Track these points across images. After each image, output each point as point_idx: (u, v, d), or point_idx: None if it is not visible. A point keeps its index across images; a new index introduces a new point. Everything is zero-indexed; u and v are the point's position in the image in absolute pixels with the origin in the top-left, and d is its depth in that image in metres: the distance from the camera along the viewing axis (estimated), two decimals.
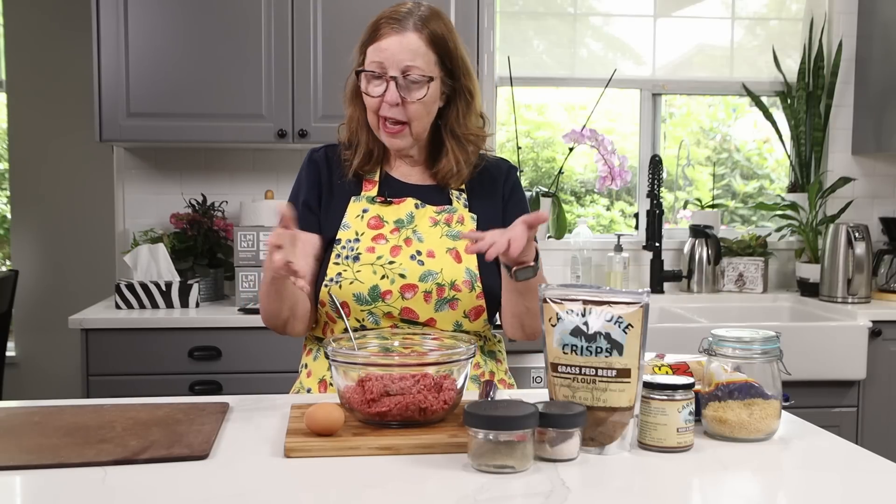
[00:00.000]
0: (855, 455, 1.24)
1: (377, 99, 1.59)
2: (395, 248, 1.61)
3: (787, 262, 3.53)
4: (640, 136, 3.57)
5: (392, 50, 1.56)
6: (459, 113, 1.66)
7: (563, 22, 3.51)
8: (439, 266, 1.61)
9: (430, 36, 1.59)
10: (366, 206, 1.66)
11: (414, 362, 1.33)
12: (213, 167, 3.28)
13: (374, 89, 1.59)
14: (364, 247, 1.61)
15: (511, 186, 1.75)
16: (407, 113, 1.59)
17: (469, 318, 1.61)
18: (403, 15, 1.59)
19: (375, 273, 1.58)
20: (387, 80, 1.57)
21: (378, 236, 1.62)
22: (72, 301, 3.56)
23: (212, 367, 2.68)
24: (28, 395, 3.76)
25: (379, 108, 1.59)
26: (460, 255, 1.63)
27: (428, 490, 1.08)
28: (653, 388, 1.23)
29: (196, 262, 3.01)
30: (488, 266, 1.64)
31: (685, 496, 1.12)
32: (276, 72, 2.90)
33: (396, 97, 1.57)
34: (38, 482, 1.10)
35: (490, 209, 1.71)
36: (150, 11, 2.86)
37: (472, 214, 1.68)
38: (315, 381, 1.67)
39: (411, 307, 1.58)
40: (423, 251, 1.62)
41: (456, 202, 1.69)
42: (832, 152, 3.51)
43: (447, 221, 1.66)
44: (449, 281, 1.60)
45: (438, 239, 1.64)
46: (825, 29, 3.49)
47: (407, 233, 1.63)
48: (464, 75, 1.64)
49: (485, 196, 1.72)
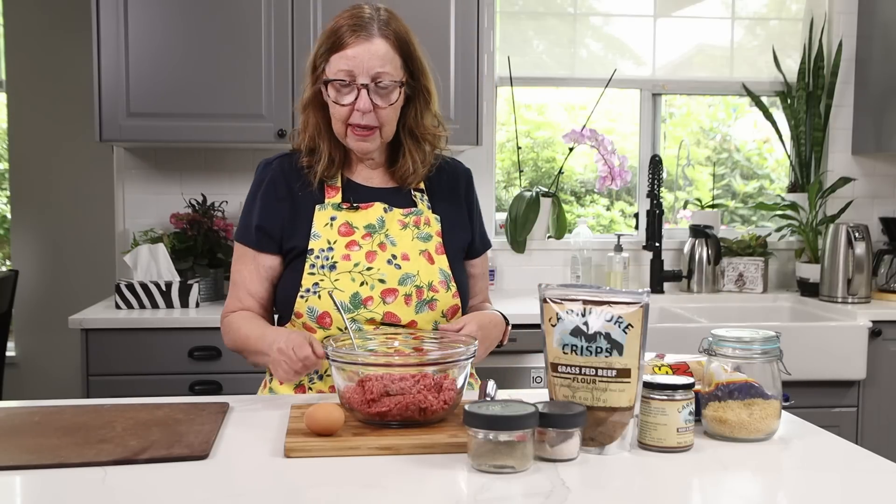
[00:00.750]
0: (855, 455, 1.24)
1: (347, 107, 1.58)
2: (370, 253, 1.61)
3: (787, 262, 3.53)
4: (640, 136, 3.57)
5: (361, 57, 1.55)
6: (417, 113, 1.66)
7: (563, 22, 3.51)
8: (415, 268, 1.62)
9: (396, 40, 1.59)
10: (332, 213, 1.64)
11: (414, 362, 1.33)
12: (213, 167, 3.28)
13: (343, 98, 1.57)
14: (339, 255, 1.60)
15: (473, 193, 1.79)
16: (378, 118, 1.59)
17: (446, 318, 1.63)
18: (367, 21, 1.57)
19: (354, 280, 1.58)
20: (358, 88, 1.56)
21: (351, 243, 1.62)
22: (72, 301, 3.56)
23: (212, 367, 2.68)
24: (28, 395, 3.76)
25: (349, 117, 1.58)
26: (432, 256, 1.64)
27: (428, 490, 1.08)
28: (653, 388, 1.23)
29: (196, 262, 3.01)
30: (458, 265, 1.69)
31: (685, 496, 1.12)
32: (276, 72, 2.90)
33: (369, 105, 1.56)
34: (38, 482, 1.10)
35: (453, 211, 1.73)
36: (150, 11, 2.86)
37: (436, 216, 1.69)
38: (290, 388, 1.65)
39: (393, 311, 1.58)
40: (398, 255, 1.62)
41: (420, 204, 1.70)
42: (832, 152, 3.51)
43: (416, 224, 1.67)
44: (426, 282, 1.61)
45: (410, 241, 1.64)
46: (825, 29, 3.49)
47: (380, 237, 1.63)
48: (422, 75, 1.64)
49: (445, 197, 1.73)
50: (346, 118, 1.59)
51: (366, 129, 1.59)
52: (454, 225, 1.72)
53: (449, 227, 1.70)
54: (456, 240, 1.71)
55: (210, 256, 3.05)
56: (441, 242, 1.67)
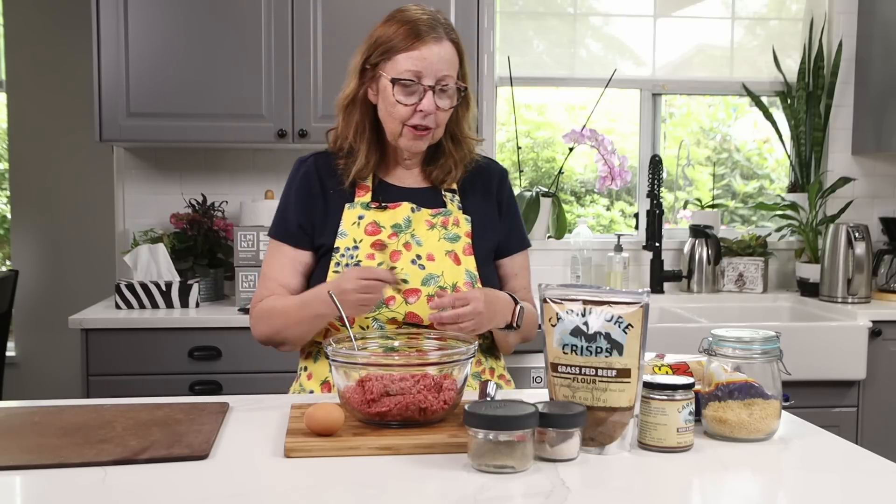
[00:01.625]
0: (855, 455, 1.24)
1: (410, 107, 1.58)
2: (394, 253, 1.62)
3: (787, 262, 3.53)
4: (640, 136, 3.56)
5: (431, 59, 1.56)
6: (460, 116, 1.68)
7: (563, 22, 3.51)
8: (440, 269, 1.61)
9: (456, 44, 1.62)
10: (361, 212, 1.65)
11: (414, 362, 1.33)
12: (213, 167, 3.28)
13: (407, 98, 1.58)
14: (364, 254, 1.61)
15: (506, 191, 1.77)
16: (436, 120, 1.60)
17: None
18: (433, 23, 1.59)
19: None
20: (424, 89, 1.57)
21: (376, 242, 1.62)
22: (72, 301, 3.56)
23: (212, 367, 2.68)
24: (28, 395, 3.76)
25: (410, 117, 1.59)
26: (459, 257, 1.63)
27: (428, 490, 1.08)
28: (653, 388, 1.23)
29: (196, 262, 3.01)
30: (485, 266, 1.67)
31: (685, 496, 1.12)
32: (276, 72, 2.90)
33: (433, 106, 1.57)
34: (38, 482, 1.10)
35: (484, 211, 1.72)
36: (150, 11, 2.86)
37: (466, 216, 1.68)
38: (317, 384, 1.66)
39: (415, 311, 1.59)
40: (423, 255, 1.62)
41: (450, 204, 1.69)
42: (832, 152, 3.51)
43: (444, 224, 1.66)
44: (451, 283, 1.60)
45: (437, 242, 1.64)
46: (825, 29, 3.49)
47: (406, 237, 1.63)
48: (467, 81, 1.66)
49: (477, 197, 1.73)
50: (406, 118, 1.59)
51: (424, 129, 1.60)
52: (485, 225, 1.70)
53: (480, 227, 1.69)
54: (486, 241, 1.70)
55: (210, 256, 3.05)
56: (470, 243, 1.66)
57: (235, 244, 2.86)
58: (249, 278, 2.85)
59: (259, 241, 2.85)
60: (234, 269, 2.87)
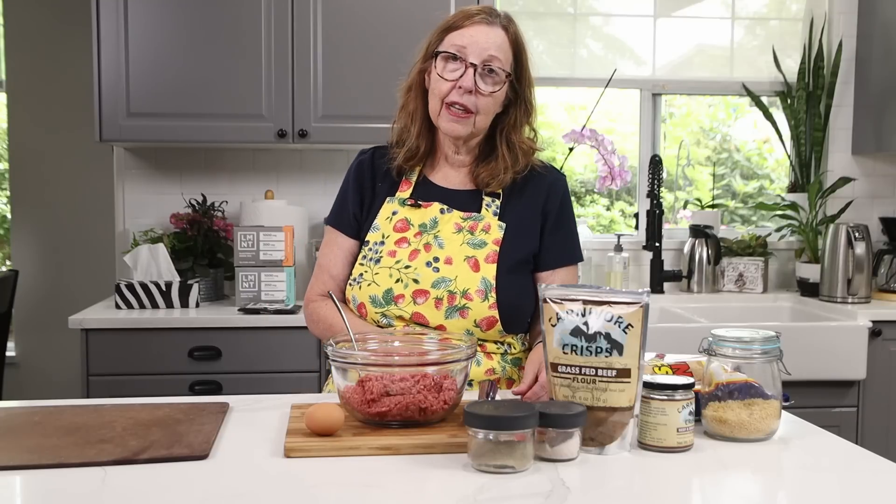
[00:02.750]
0: (855, 455, 1.24)
1: (450, 82, 1.57)
2: (413, 252, 1.62)
3: (787, 262, 3.53)
4: (640, 136, 3.56)
5: (478, 38, 1.57)
6: (517, 121, 1.66)
7: (563, 22, 3.51)
8: (454, 273, 1.59)
9: (514, 37, 1.62)
10: (396, 208, 1.67)
11: (414, 362, 1.33)
12: (213, 167, 3.28)
13: (449, 73, 1.58)
14: (387, 250, 1.63)
15: (557, 201, 1.70)
16: (477, 104, 1.59)
17: (481, 328, 1.59)
18: (491, 12, 1.62)
19: (391, 276, 1.60)
20: (466, 66, 1.57)
21: (401, 240, 1.63)
22: (72, 301, 3.56)
23: (212, 367, 2.68)
24: (28, 395, 3.76)
25: (449, 94, 1.58)
26: (479, 263, 1.61)
27: (428, 490, 1.08)
28: (653, 388, 1.23)
29: (196, 262, 3.01)
30: (508, 279, 1.61)
31: (685, 496, 1.12)
32: (276, 72, 2.90)
33: (472, 83, 1.56)
34: (38, 482, 1.10)
35: (525, 219, 1.67)
36: (150, 11, 2.86)
37: (501, 223, 1.65)
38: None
39: (422, 312, 1.58)
40: (442, 258, 1.61)
41: (485, 210, 1.66)
42: (832, 152, 3.51)
43: (471, 229, 1.64)
44: (461, 289, 1.58)
45: (459, 246, 1.62)
46: (825, 29, 3.49)
47: (428, 238, 1.63)
48: (528, 86, 1.67)
49: (522, 204, 1.68)
50: (445, 94, 1.58)
51: (462, 110, 1.58)
52: (520, 234, 1.65)
53: (513, 236, 1.64)
54: (518, 250, 1.64)
55: (210, 256, 3.05)
56: (496, 251, 1.61)
57: (235, 244, 2.86)
58: (249, 278, 2.85)
59: (259, 241, 2.85)
60: (234, 269, 2.87)
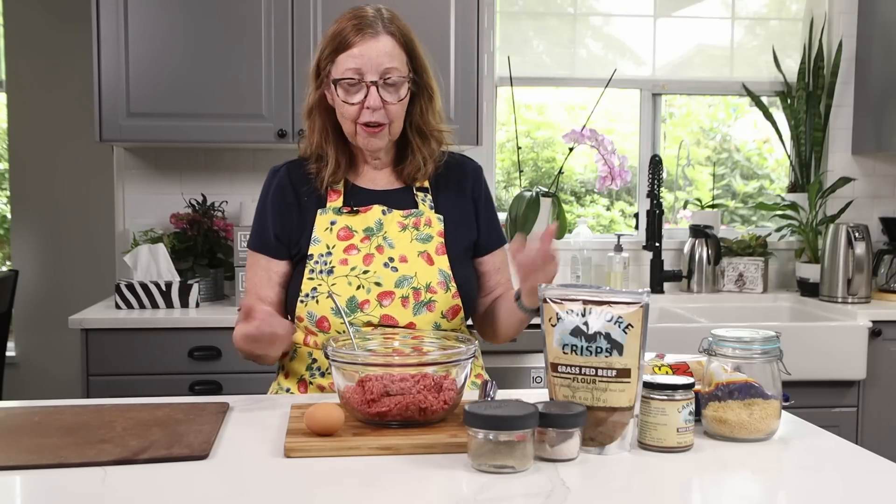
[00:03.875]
0: (855, 455, 1.24)
1: (356, 106, 1.58)
2: (367, 256, 1.61)
3: (787, 262, 3.53)
4: (640, 136, 3.56)
5: (368, 55, 1.56)
6: (423, 110, 1.67)
7: (563, 22, 3.51)
8: (413, 270, 1.61)
9: (401, 36, 1.60)
10: (333, 217, 1.65)
11: (414, 362, 1.33)
12: (213, 167, 3.28)
13: (352, 97, 1.58)
14: (337, 259, 1.61)
15: (482, 189, 1.77)
16: (388, 114, 1.59)
17: (447, 318, 1.62)
18: (371, 19, 1.58)
19: (351, 284, 1.59)
20: (367, 86, 1.57)
21: (349, 247, 1.62)
22: (72, 301, 3.56)
23: (212, 367, 2.68)
24: (28, 395, 3.76)
25: (358, 116, 1.58)
26: (431, 257, 1.63)
27: (428, 490, 1.08)
28: (653, 388, 1.23)
29: (196, 262, 3.01)
30: (460, 264, 1.67)
31: (685, 496, 1.12)
32: (276, 72, 2.90)
33: (379, 101, 1.57)
34: (38, 482, 1.10)
35: (458, 209, 1.72)
36: (150, 11, 2.86)
37: (439, 215, 1.68)
38: (294, 382, 1.68)
39: (390, 314, 1.58)
40: (396, 257, 1.62)
41: (422, 205, 1.69)
42: (832, 152, 3.51)
43: (415, 225, 1.66)
44: (424, 284, 1.60)
45: (409, 243, 1.64)
46: (825, 29, 3.49)
47: (378, 240, 1.63)
48: (425, 73, 1.65)
49: (451, 195, 1.72)
50: (355, 117, 1.59)
51: (376, 126, 1.59)
52: (458, 224, 1.70)
53: (453, 226, 1.69)
54: (460, 239, 1.69)
55: (210, 256, 3.05)
56: (443, 243, 1.65)
57: (235, 244, 2.86)
58: None
59: None
60: (234, 269, 2.87)
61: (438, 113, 1.70)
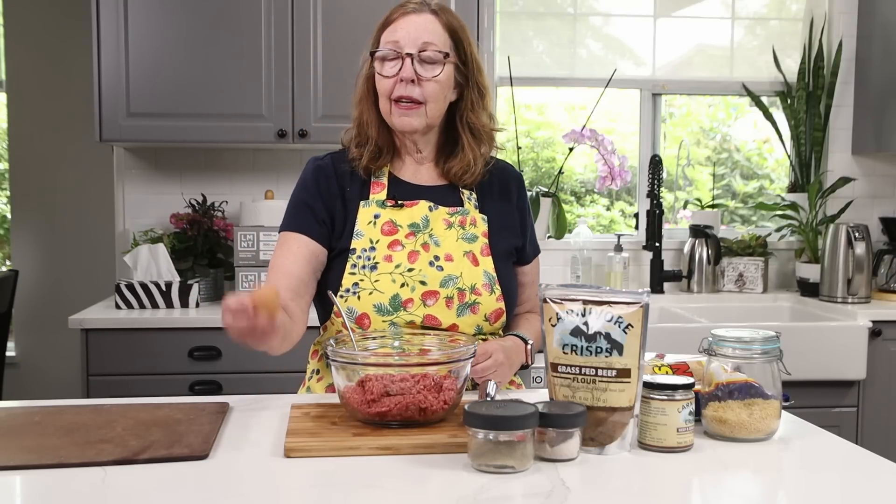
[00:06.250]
0: (855, 455, 1.24)
1: (392, 79, 1.55)
2: (412, 253, 1.56)
3: (787, 262, 3.53)
4: (640, 136, 3.56)
5: (408, 28, 1.55)
6: (473, 105, 1.63)
7: (563, 22, 3.51)
8: (458, 270, 1.56)
9: (446, 21, 1.59)
10: (376, 210, 1.59)
11: (414, 362, 1.33)
12: (213, 167, 3.28)
13: (388, 70, 1.56)
14: (381, 255, 1.55)
15: (525, 198, 1.74)
16: (423, 92, 1.55)
17: (489, 322, 1.58)
18: (418, 2, 1.59)
19: (395, 282, 1.53)
20: (403, 58, 1.54)
21: (394, 243, 1.57)
22: (72, 301, 3.56)
23: (212, 367, 2.68)
24: (28, 395, 3.76)
25: (393, 89, 1.55)
26: (477, 257, 1.59)
27: (428, 490, 1.08)
28: (653, 388, 1.23)
29: (196, 262, 3.01)
30: (504, 268, 1.62)
31: (685, 496, 1.12)
32: (276, 72, 2.90)
33: (412, 72, 1.53)
34: (38, 482, 1.10)
35: (502, 213, 1.67)
36: (150, 11, 2.86)
37: (483, 216, 1.64)
38: (323, 387, 1.64)
39: (434, 314, 1.53)
40: (442, 255, 1.57)
41: (467, 203, 1.64)
42: (832, 152, 3.51)
43: (461, 224, 1.61)
44: (469, 285, 1.56)
45: (455, 242, 1.59)
46: (825, 29, 3.49)
47: (424, 237, 1.58)
48: (477, 71, 1.62)
49: (496, 199, 1.68)
50: (390, 90, 1.56)
51: (410, 101, 1.55)
52: (502, 227, 1.66)
53: (496, 229, 1.64)
54: (503, 242, 1.64)
55: (210, 256, 3.05)
56: (487, 244, 1.61)
57: (235, 244, 2.86)
58: (249, 278, 2.85)
59: (259, 241, 2.85)
60: (234, 269, 2.87)
61: (489, 115, 1.66)
